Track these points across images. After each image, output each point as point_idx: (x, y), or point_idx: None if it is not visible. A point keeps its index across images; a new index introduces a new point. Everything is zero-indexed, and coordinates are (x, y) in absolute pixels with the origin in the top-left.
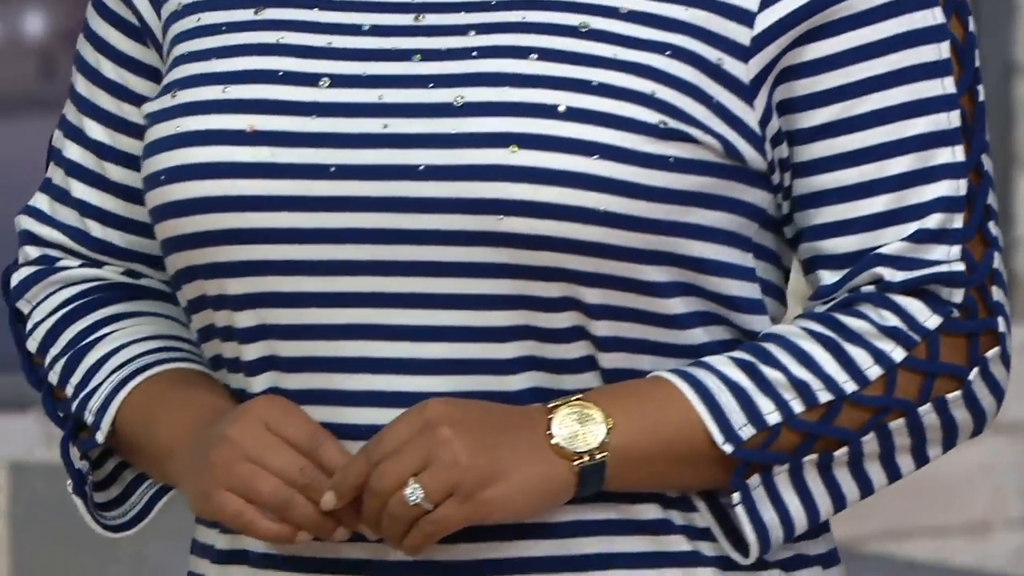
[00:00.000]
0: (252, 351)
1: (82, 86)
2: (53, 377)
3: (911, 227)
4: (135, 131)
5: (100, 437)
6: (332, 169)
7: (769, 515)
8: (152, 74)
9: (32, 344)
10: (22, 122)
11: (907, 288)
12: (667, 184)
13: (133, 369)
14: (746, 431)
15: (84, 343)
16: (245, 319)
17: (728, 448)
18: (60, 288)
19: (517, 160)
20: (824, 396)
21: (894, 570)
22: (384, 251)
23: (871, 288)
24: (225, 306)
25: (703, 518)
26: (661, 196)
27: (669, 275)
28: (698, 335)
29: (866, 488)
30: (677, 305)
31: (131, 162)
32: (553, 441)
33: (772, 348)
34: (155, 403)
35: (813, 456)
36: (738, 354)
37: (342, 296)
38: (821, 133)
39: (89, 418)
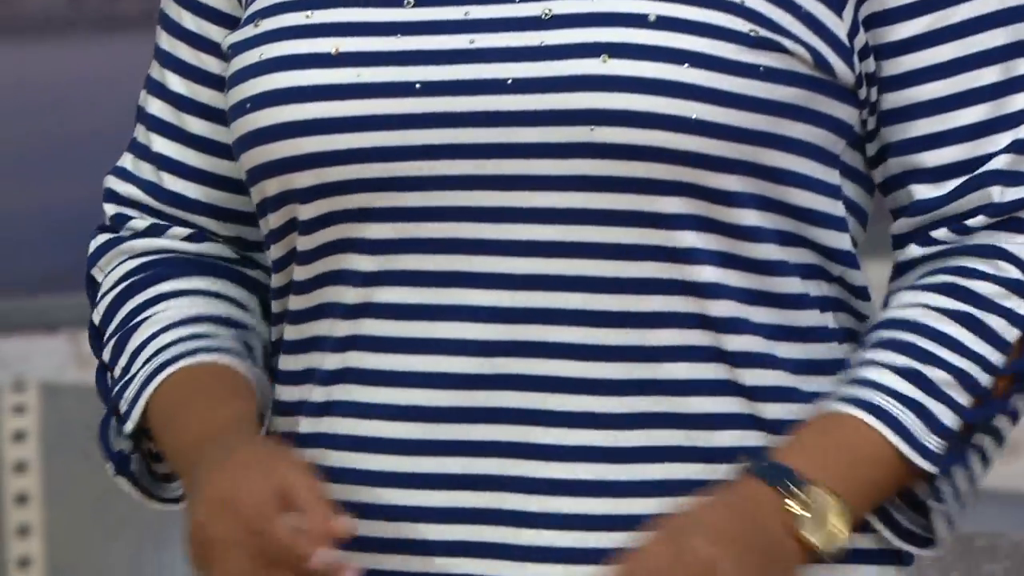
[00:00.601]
0: (328, 264)
1: (164, 41)
2: (106, 354)
3: (1006, 137)
4: (214, 82)
5: (129, 427)
6: (418, 86)
7: (953, 507)
8: (232, 23)
9: (96, 317)
10: (50, 46)
11: (1015, 207)
12: (758, 94)
13: (163, 360)
14: (934, 443)
15: (130, 325)
16: (328, 237)
17: (932, 468)
18: (124, 260)
19: (608, 70)
20: (984, 379)
21: None
22: (475, 166)
23: (980, 219)
24: (314, 228)
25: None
26: (752, 105)
27: (748, 186)
28: (772, 251)
29: (988, 461)
30: (752, 217)
31: (210, 114)
32: (815, 549)
33: (920, 341)
34: (172, 407)
35: (980, 441)
36: (892, 358)
37: (435, 211)
38: (910, 46)
39: (124, 407)
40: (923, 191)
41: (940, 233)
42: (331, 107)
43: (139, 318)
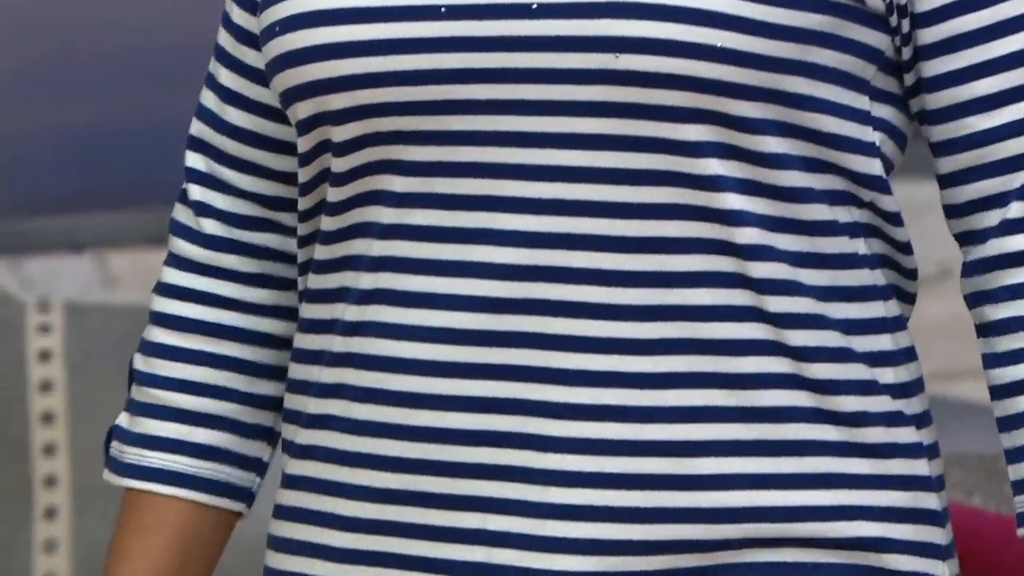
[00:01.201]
0: (364, 185)
1: (221, 37)
2: (137, 362)
3: None
4: (253, 75)
5: (108, 477)
6: (443, 10)
7: None
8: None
9: (151, 321)
10: None
11: None
12: (783, 21)
13: (142, 466)
14: None
15: (158, 377)
16: (363, 159)
17: None
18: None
19: None
20: None
21: (945, 411)
22: (501, 90)
23: None
24: (349, 150)
25: None
26: (777, 33)
27: (772, 113)
28: (797, 177)
29: None
30: (776, 144)
31: (251, 107)
32: None
33: None
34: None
35: None
36: None
37: (465, 135)
38: None
39: (111, 450)
40: (980, 122)
41: None
42: (361, 30)
43: (165, 375)
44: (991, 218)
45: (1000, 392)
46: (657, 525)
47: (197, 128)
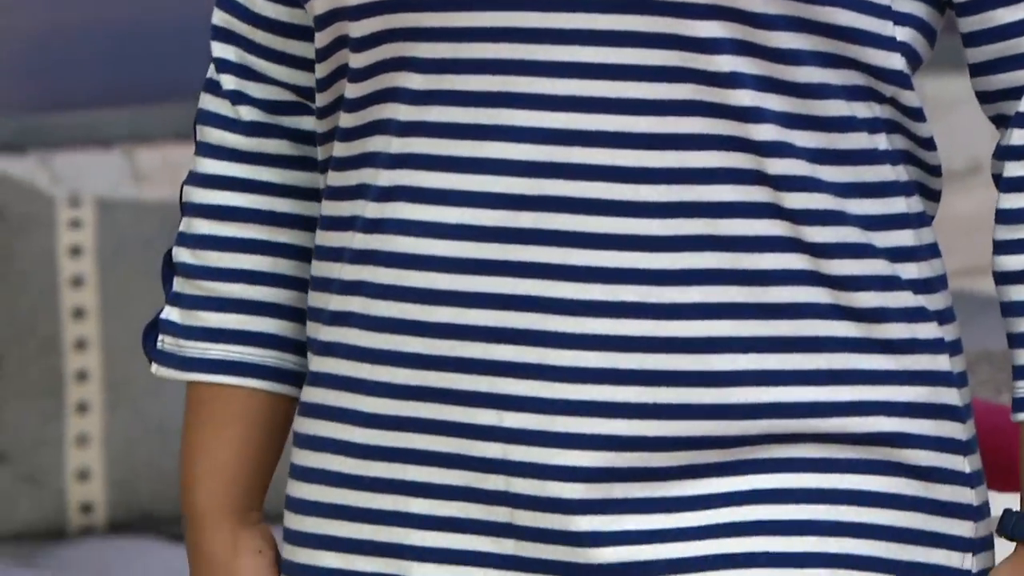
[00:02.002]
0: (381, 82)
1: None
2: (182, 255)
3: None
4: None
5: (164, 372)
6: None
7: None
8: None
9: (183, 214)
10: None
11: None
12: None
13: (214, 359)
14: None
15: (200, 267)
16: (380, 56)
17: None
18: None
19: None
20: None
21: (974, 307)
22: None
23: None
24: (367, 46)
25: None
26: None
27: (786, 8)
28: (814, 73)
29: None
30: (791, 39)
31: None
32: None
33: None
34: (198, 443)
35: None
36: None
37: (481, 31)
38: None
39: (161, 345)
40: (1002, 15)
41: None
42: None
43: (208, 264)
44: (1014, 108)
45: (1002, 279)
46: (674, 421)
47: (221, 18)
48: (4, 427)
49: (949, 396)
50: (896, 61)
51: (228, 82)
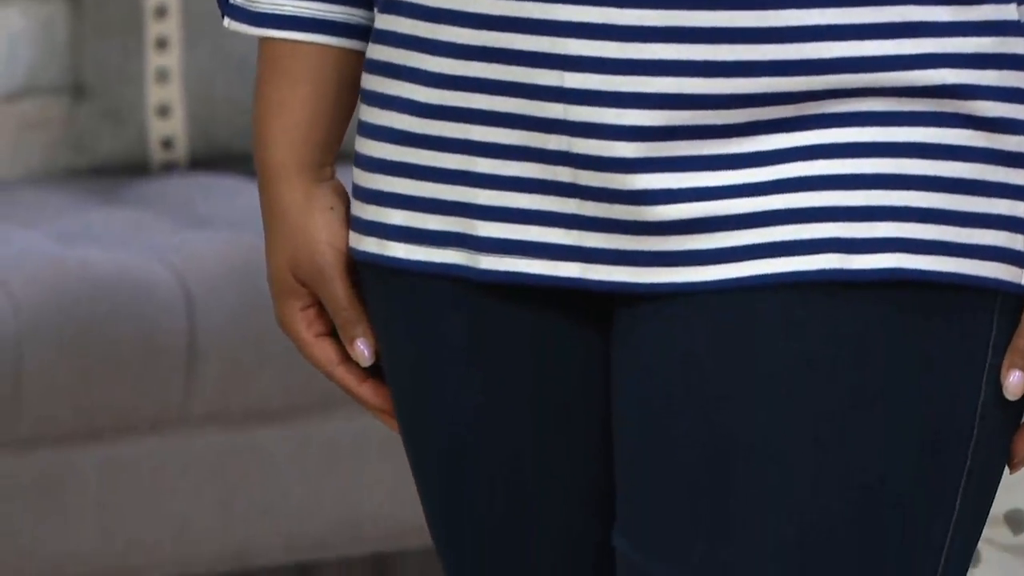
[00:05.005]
0: None
1: None
2: None
3: None
4: None
5: (237, 27)
6: None
7: None
8: None
9: None
10: None
11: None
12: None
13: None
14: None
15: None
16: None
17: None
18: None
19: None
20: None
21: None
22: None
23: None
24: None
25: None
26: None
27: None
28: None
29: None
30: None
31: None
32: None
33: None
34: (272, 97)
35: None
36: None
37: None
38: None
39: (241, 2)
40: None
41: None
42: None
43: None
44: None
45: None
46: (737, 78)
47: None
48: (84, 62)
49: (1018, 46)
50: None
51: None
